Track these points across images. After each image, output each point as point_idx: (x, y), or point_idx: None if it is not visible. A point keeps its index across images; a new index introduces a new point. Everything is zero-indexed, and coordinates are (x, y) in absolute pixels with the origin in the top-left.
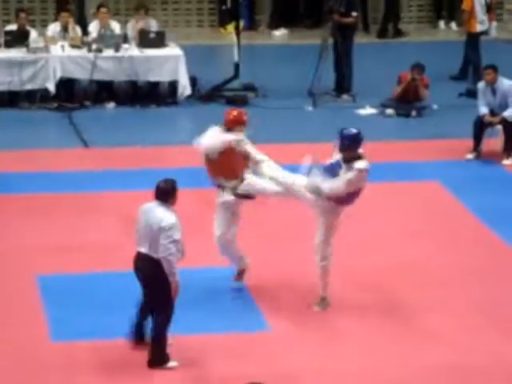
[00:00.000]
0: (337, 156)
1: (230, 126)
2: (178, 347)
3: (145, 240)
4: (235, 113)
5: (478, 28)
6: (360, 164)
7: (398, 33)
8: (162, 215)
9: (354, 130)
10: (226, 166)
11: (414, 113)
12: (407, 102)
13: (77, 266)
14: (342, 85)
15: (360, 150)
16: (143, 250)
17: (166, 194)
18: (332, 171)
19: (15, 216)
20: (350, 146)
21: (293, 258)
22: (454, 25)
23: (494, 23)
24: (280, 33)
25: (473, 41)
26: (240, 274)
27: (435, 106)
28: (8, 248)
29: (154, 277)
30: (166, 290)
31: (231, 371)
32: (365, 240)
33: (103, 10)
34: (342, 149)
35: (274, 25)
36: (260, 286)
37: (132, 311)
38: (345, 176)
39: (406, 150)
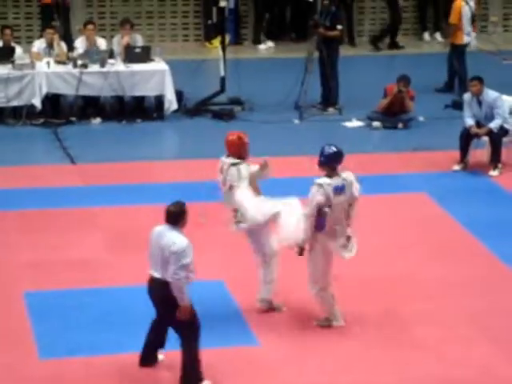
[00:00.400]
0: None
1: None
2: (169, 362)
3: (156, 264)
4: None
5: (465, 40)
6: (320, 180)
7: (395, 45)
8: (174, 239)
9: (334, 148)
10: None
11: (400, 125)
12: (393, 114)
13: (64, 282)
14: (329, 98)
15: (338, 168)
16: (156, 274)
17: (176, 217)
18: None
19: (2, 232)
20: (328, 163)
21: (284, 272)
22: (438, 35)
23: (474, 34)
24: (266, 46)
25: (459, 52)
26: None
27: (421, 118)
28: None
29: (166, 299)
30: (173, 315)
31: None
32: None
33: (90, 26)
34: (320, 165)
35: (259, 39)
36: (249, 299)
37: (120, 327)
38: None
39: (393, 162)
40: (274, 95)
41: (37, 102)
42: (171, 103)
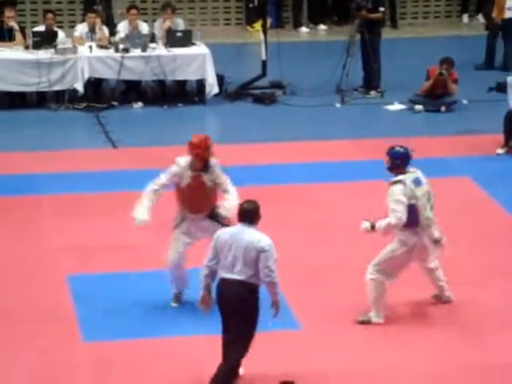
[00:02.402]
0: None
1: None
2: (214, 345)
3: (233, 265)
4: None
5: (507, 14)
6: (398, 177)
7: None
8: (258, 236)
9: (402, 149)
10: None
11: (443, 108)
12: (436, 97)
13: (107, 266)
14: (370, 81)
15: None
16: (233, 276)
17: (251, 214)
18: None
19: (45, 217)
20: (402, 164)
21: (324, 256)
22: (481, 17)
23: None
24: (307, 30)
25: (509, 28)
26: None
27: (465, 101)
28: (38, 249)
29: (246, 303)
30: (255, 319)
31: (262, 369)
32: None
33: (133, 11)
34: (394, 168)
35: (300, 22)
36: (291, 283)
37: (162, 310)
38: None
39: (436, 146)
40: (315, 79)
41: (79, 87)
42: (212, 87)
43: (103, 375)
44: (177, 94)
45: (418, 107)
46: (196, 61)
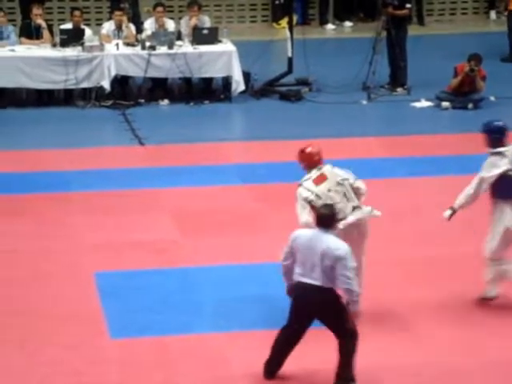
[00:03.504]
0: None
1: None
2: (239, 343)
3: (311, 270)
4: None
5: None
6: (497, 149)
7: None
8: (336, 243)
9: (499, 123)
10: None
11: (470, 105)
12: (463, 94)
13: (134, 263)
14: (397, 78)
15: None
16: (311, 281)
17: (328, 220)
18: None
19: (73, 213)
20: (498, 138)
21: None
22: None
23: None
24: (333, 27)
25: None
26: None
27: (492, 98)
28: (67, 245)
29: (330, 305)
30: (346, 315)
31: (288, 367)
32: (428, 232)
33: (159, 8)
34: (495, 142)
35: (326, 19)
36: None
37: (188, 307)
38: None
39: (464, 143)
40: (341, 76)
41: (106, 84)
42: (238, 84)
43: (130, 372)
44: (203, 91)
45: (445, 104)
46: (222, 58)
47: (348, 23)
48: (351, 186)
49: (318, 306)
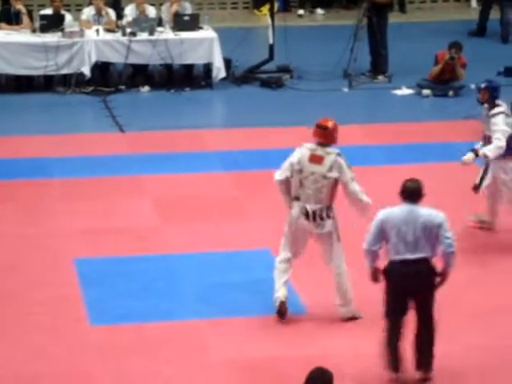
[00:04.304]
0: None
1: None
2: (218, 330)
3: (416, 243)
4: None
5: None
6: (499, 108)
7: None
8: (433, 212)
9: (497, 82)
10: None
11: (451, 93)
12: (444, 81)
13: (113, 250)
14: (378, 65)
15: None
16: (418, 255)
17: (416, 193)
18: None
19: (52, 200)
20: (496, 96)
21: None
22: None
23: None
24: (314, 14)
25: None
26: None
27: (472, 86)
28: (46, 232)
29: (433, 277)
30: (434, 291)
31: (268, 353)
32: None
33: None
34: (489, 101)
35: (306, 5)
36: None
37: (169, 294)
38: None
39: (444, 131)
40: (322, 63)
41: (86, 70)
42: (219, 71)
43: (110, 358)
44: (184, 77)
45: (426, 92)
46: (203, 45)
47: (329, 10)
48: (337, 185)
49: (424, 278)
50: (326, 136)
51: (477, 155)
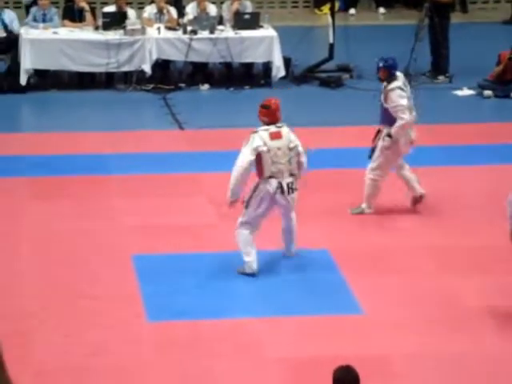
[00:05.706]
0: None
1: None
2: (273, 328)
3: None
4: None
5: None
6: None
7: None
8: None
9: (392, 60)
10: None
11: None
12: (506, 82)
13: (170, 246)
14: (439, 66)
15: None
16: None
17: None
18: None
19: (112, 196)
20: (394, 73)
21: (386, 236)
22: None
23: None
24: (376, 13)
25: None
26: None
27: None
28: (104, 228)
29: None
30: None
31: (322, 353)
32: (464, 221)
33: None
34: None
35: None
36: (352, 266)
37: (225, 292)
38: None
39: (506, 132)
40: None
41: (147, 68)
42: (279, 70)
43: (166, 354)
44: (243, 76)
45: (487, 92)
46: (263, 43)
47: (391, 10)
48: (297, 154)
49: None
50: (269, 114)
51: (390, 136)
